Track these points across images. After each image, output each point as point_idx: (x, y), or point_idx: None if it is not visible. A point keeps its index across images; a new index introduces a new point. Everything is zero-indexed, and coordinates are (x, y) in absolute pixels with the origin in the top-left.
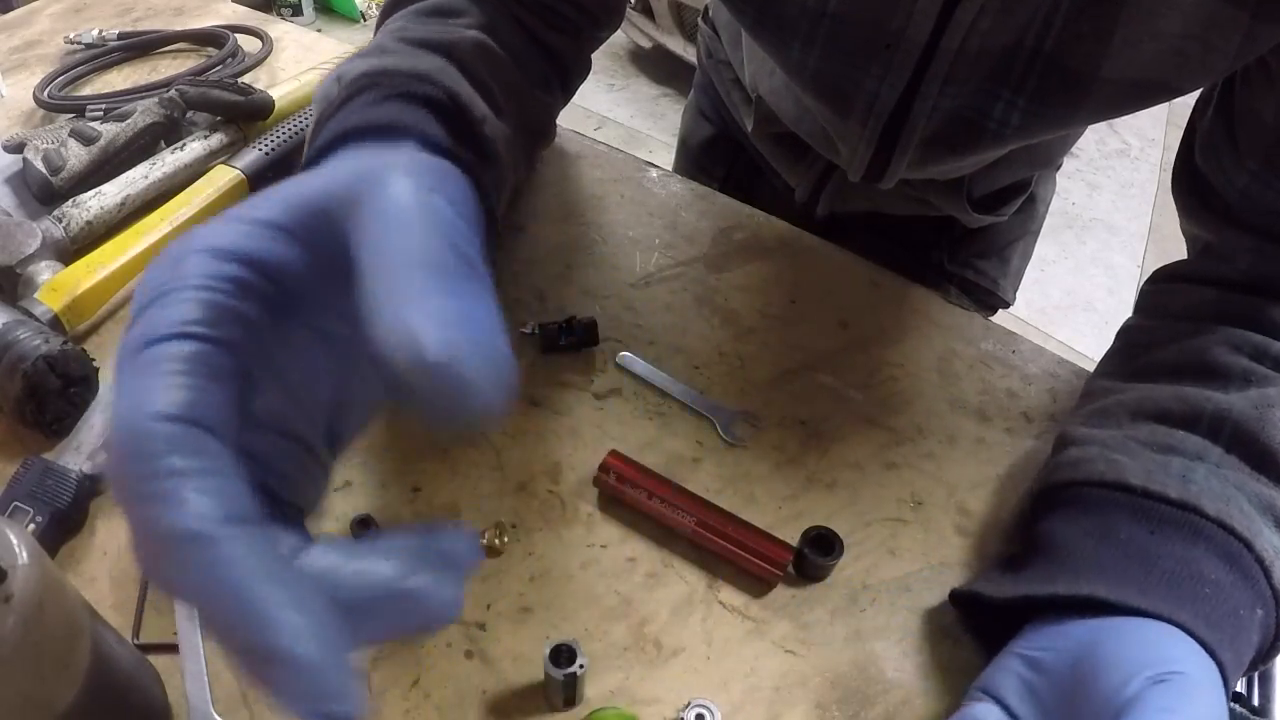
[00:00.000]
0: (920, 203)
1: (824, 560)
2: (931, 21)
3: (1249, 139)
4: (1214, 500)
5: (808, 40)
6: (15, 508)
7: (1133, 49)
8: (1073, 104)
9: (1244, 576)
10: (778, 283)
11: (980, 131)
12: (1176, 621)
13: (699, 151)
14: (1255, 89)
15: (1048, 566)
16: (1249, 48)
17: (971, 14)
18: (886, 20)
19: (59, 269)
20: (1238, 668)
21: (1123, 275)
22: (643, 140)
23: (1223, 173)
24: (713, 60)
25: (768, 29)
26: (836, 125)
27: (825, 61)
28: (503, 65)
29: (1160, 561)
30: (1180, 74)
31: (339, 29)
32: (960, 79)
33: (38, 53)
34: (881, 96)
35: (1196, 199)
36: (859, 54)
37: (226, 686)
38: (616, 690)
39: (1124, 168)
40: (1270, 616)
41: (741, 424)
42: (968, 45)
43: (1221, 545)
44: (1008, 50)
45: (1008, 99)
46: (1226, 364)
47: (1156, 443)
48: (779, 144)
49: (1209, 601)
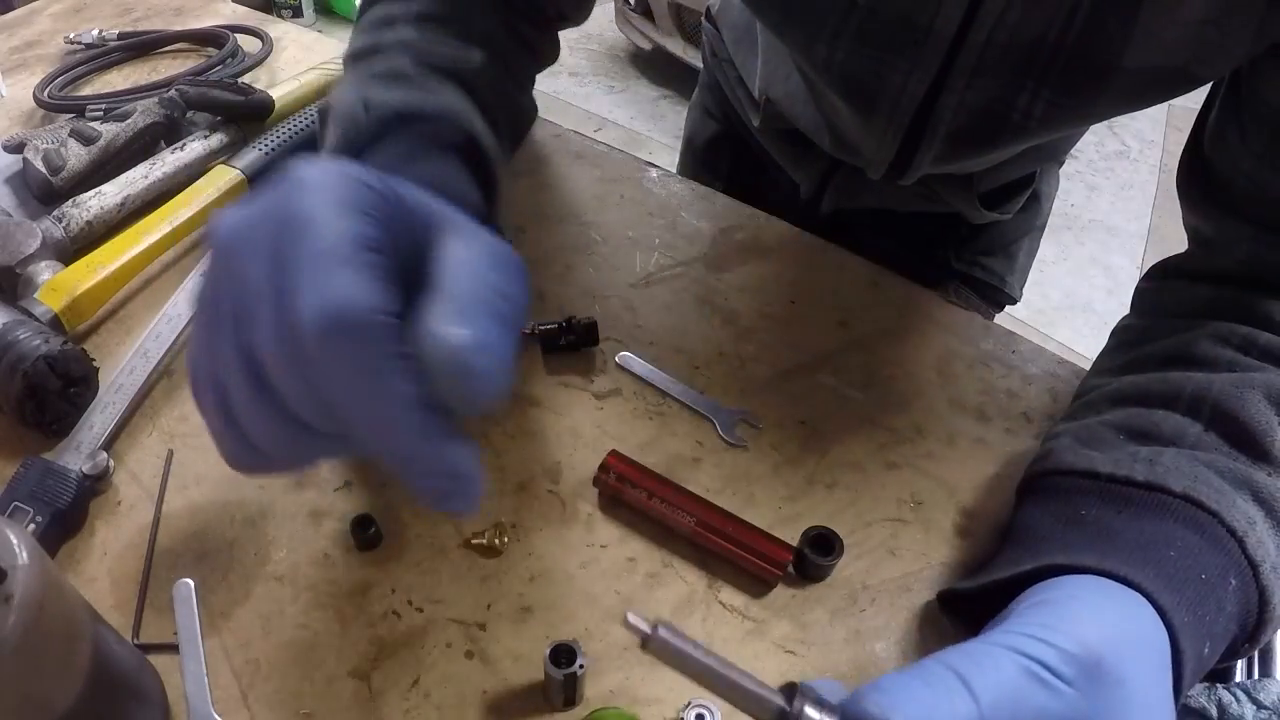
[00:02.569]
0: (928, 199)
1: (824, 560)
2: (960, 14)
3: (1256, 122)
4: (1181, 478)
5: (835, 35)
6: (15, 508)
7: (1154, 37)
8: (1094, 94)
9: (1212, 544)
10: (778, 283)
11: (1004, 124)
12: (1126, 578)
13: (704, 149)
14: (1264, 74)
15: (1015, 551)
16: (1264, 33)
17: (1000, 6)
18: (916, 13)
19: (59, 269)
20: (1201, 634)
21: (1122, 276)
22: (643, 142)
23: (1229, 157)
24: (717, 59)
25: (794, 25)
26: (860, 123)
27: (852, 56)
28: (503, 87)
29: (1124, 533)
30: (1199, 61)
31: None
32: (987, 72)
33: (38, 53)
34: (908, 91)
35: (1200, 188)
36: (887, 48)
37: (226, 686)
38: (616, 690)
39: (1123, 169)
40: (1248, 587)
41: (741, 424)
42: (995, 37)
43: (1189, 518)
44: (1034, 42)
45: (1032, 90)
46: (1213, 355)
47: (1132, 427)
48: (785, 140)
49: (1171, 564)
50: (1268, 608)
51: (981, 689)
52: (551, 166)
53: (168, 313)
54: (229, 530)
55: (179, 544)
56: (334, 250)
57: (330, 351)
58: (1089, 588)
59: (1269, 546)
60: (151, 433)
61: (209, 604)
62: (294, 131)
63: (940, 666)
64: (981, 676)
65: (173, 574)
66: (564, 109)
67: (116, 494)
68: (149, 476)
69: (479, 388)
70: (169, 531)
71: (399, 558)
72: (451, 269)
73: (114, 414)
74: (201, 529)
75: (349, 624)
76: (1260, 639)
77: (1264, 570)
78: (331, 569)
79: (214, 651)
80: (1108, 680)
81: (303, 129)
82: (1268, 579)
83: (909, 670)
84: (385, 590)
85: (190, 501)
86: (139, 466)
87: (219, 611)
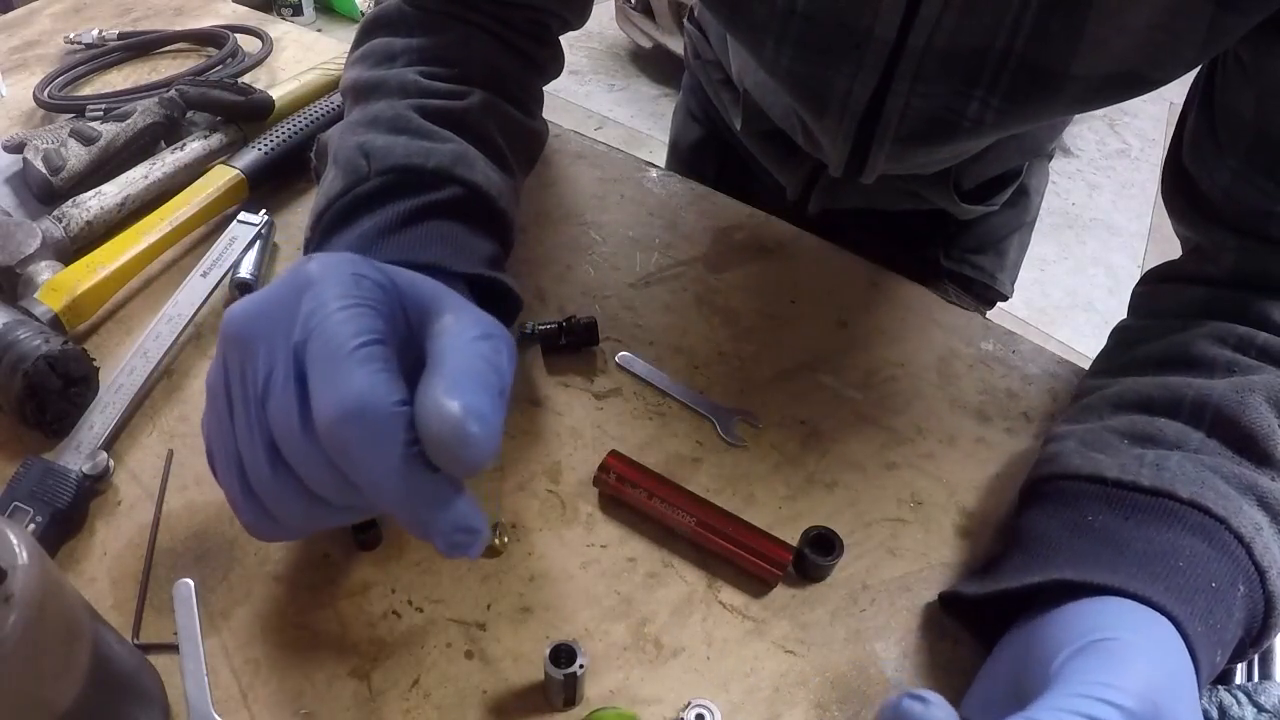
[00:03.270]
0: (911, 196)
1: (824, 560)
2: (898, 19)
3: (1230, 136)
4: (1188, 484)
5: (780, 39)
6: (15, 508)
7: (1103, 45)
8: (1047, 100)
9: (1220, 551)
10: (777, 283)
11: (954, 129)
12: (1142, 596)
13: (689, 153)
14: (1232, 84)
15: (1023, 559)
16: (1215, 36)
17: (935, 11)
18: (854, 19)
19: (59, 269)
20: (1213, 643)
21: (1123, 275)
22: (643, 140)
23: (1207, 171)
24: (700, 61)
25: (741, 29)
26: (814, 122)
27: (797, 60)
28: (507, 117)
29: (1133, 544)
30: (1151, 65)
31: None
32: (930, 77)
33: (38, 53)
34: (854, 94)
35: (1184, 199)
36: (830, 52)
37: (226, 686)
38: (616, 690)
39: (1124, 168)
40: (1255, 592)
41: (741, 424)
42: (934, 43)
43: (1197, 524)
44: (978, 51)
45: (981, 99)
46: (1211, 355)
47: (1136, 433)
48: (768, 142)
49: (1181, 575)
50: (1273, 613)
51: None
52: (551, 166)
53: (168, 313)
54: (229, 530)
55: (179, 544)
56: (347, 348)
57: (351, 442)
58: (1121, 622)
59: (1275, 552)
60: (151, 433)
61: (209, 604)
62: (294, 131)
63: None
64: None
65: (173, 574)
66: (564, 107)
67: (116, 494)
68: (149, 476)
69: (473, 454)
70: (169, 531)
71: (399, 558)
72: (446, 346)
73: (114, 414)
74: (201, 529)
75: (349, 624)
76: (1264, 642)
77: (1270, 576)
78: (331, 569)
79: (214, 651)
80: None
81: (303, 129)
82: (1274, 584)
83: None
84: (385, 590)
85: (190, 501)
86: (139, 466)
87: (219, 611)
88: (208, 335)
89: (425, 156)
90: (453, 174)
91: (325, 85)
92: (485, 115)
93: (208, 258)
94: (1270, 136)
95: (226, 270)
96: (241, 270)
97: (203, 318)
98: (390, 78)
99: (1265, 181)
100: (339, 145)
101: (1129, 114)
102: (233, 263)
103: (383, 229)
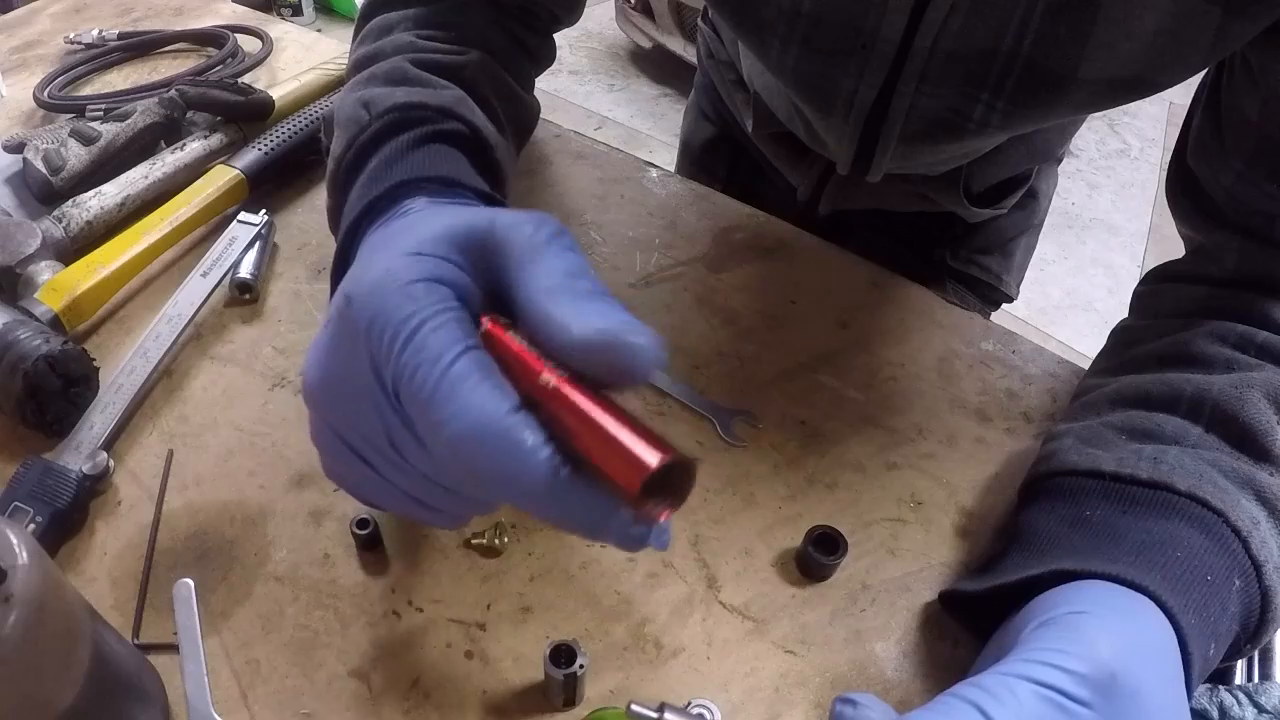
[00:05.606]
0: (921, 198)
1: (829, 559)
2: (904, 20)
3: (1235, 138)
4: (1186, 477)
5: (786, 40)
6: (15, 508)
7: (1109, 49)
8: (1052, 103)
9: (1217, 544)
10: (778, 283)
11: (960, 130)
12: (1138, 584)
13: (701, 152)
14: (1239, 87)
15: (1022, 555)
16: (1223, 42)
17: (942, 13)
18: (860, 20)
19: (59, 269)
20: (1207, 636)
21: (1123, 275)
22: (643, 140)
23: (1211, 172)
24: (714, 61)
25: (746, 29)
26: (820, 120)
27: (804, 61)
28: (501, 80)
29: (1130, 535)
30: (1157, 70)
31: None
32: (936, 79)
33: (38, 53)
34: (860, 94)
35: (1188, 200)
36: (836, 53)
37: (226, 686)
38: (616, 690)
39: (1124, 168)
40: (1251, 587)
41: (741, 424)
42: (940, 45)
43: (1195, 517)
44: (984, 54)
45: (986, 101)
46: (1210, 353)
47: (1134, 428)
48: (779, 143)
49: (1178, 565)
50: (1270, 608)
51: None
52: (551, 166)
53: (168, 313)
54: (229, 530)
55: (179, 544)
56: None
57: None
58: (1094, 599)
59: (1272, 547)
60: (151, 433)
61: (209, 604)
62: (294, 131)
63: (959, 702)
64: (1001, 709)
65: (173, 574)
66: (564, 107)
67: (116, 494)
68: (149, 476)
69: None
70: (169, 531)
71: (399, 558)
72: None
73: (114, 414)
74: (201, 529)
75: (349, 624)
76: (1261, 638)
77: (1267, 571)
78: (331, 569)
79: (214, 651)
80: (1123, 692)
81: (303, 129)
82: (1270, 579)
83: (929, 708)
84: (385, 590)
85: (190, 501)
86: (139, 466)
87: (219, 611)
88: (207, 335)
89: (426, 98)
90: (455, 112)
91: (325, 85)
92: (481, 74)
93: (208, 258)
94: (1275, 140)
95: (226, 270)
96: (241, 270)
97: (203, 318)
98: (387, 44)
99: (1269, 184)
100: (340, 107)
101: (1129, 114)
102: (233, 263)
103: (390, 160)
